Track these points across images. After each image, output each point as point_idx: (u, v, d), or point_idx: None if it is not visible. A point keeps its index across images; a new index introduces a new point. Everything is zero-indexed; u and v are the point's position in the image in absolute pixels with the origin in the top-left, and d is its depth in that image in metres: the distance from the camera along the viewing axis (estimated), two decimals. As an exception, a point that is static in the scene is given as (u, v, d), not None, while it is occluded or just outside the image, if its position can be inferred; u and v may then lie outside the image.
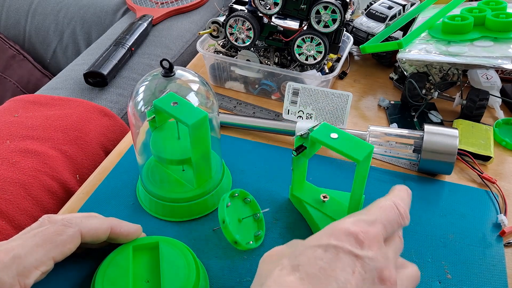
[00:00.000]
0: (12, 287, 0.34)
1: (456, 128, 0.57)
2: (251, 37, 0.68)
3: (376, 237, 0.32)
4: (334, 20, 0.64)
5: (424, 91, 0.68)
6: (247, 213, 0.49)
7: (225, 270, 0.47)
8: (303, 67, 0.71)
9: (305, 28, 0.67)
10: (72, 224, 0.39)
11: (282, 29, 0.69)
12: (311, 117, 0.64)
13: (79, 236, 0.39)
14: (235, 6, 0.71)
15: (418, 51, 0.66)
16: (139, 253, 0.44)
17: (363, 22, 0.80)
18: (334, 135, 0.44)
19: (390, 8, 0.80)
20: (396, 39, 0.74)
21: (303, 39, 0.66)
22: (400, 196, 0.37)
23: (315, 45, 0.66)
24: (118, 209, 0.54)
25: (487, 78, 0.71)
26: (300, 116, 0.65)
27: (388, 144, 0.59)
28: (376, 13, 0.80)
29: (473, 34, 0.66)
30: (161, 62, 0.47)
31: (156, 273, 0.42)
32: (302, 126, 0.61)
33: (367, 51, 0.70)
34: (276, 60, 0.72)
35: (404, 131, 0.59)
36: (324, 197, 0.51)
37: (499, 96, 0.69)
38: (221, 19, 0.71)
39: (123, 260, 0.42)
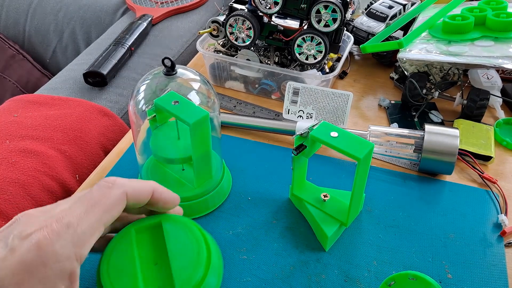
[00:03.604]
0: (68, 259, 0.31)
1: (456, 128, 0.57)
2: (251, 37, 0.68)
3: None
4: (334, 20, 0.64)
5: (424, 90, 0.68)
6: None
7: (224, 269, 0.46)
8: (303, 67, 0.71)
9: (305, 27, 0.67)
10: (116, 185, 0.35)
11: (282, 28, 0.69)
12: (311, 117, 0.64)
13: (125, 198, 0.36)
14: (235, 5, 0.71)
15: (419, 50, 0.66)
16: (143, 235, 0.40)
17: (363, 21, 0.80)
18: (334, 134, 0.44)
19: (390, 7, 0.80)
20: (397, 38, 0.74)
21: (303, 39, 0.66)
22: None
23: (316, 45, 0.66)
24: (118, 208, 0.53)
25: (488, 78, 0.70)
26: (300, 116, 0.64)
27: (389, 144, 0.59)
28: (377, 12, 0.80)
29: (474, 33, 0.65)
30: (163, 60, 0.47)
31: (164, 254, 0.38)
32: (302, 125, 0.61)
33: (367, 50, 0.70)
34: (276, 60, 0.72)
35: (405, 131, 0.59)
36: (325, 196, 0.51)
37: (500, 96, 0.69)
38: (221, 18, 0.71)
39: (126, 245, 0.38)
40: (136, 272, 0.37)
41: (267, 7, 0.66)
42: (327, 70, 0.71)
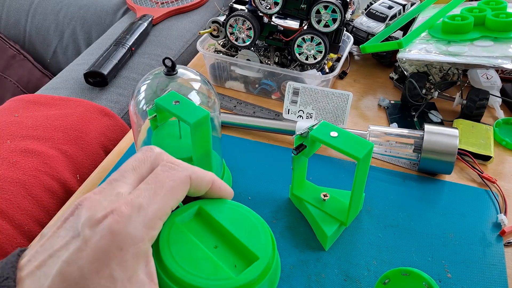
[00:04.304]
0: (142, 241, 0.30)
1: (456, 128, 0.57)
2: (251, 37, 0.68)
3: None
4: (334, 20, 0.64)
5: (424, 90, 0.68)
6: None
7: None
8: (303, 67, 0.71)
9: (305, 27, 0.68)
10: (182, 167, 0.34)
11: (282, 28, 0.69)
12: (311, 117, 0.64)
13: (189, 182, 0.34)
14: (235, 5, 0.71)
15: (418, 50, 0.66)
16: (189, 224, 0.37)
17: (363, 21, 0.80)
18: (334, 134, 0.44)
19: (390, 8, 0.81)
20: (396, 38, 0.75)
21: (303, 39, 0.66)
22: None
23: (315, 45, 0.66)
24: (119, 208, 0.53)
25: (487, 78, 0.71)
26: (300, 116, 0.65)
27: (388, 143, 0.59)
28: (376, 12, 0.80)
29: (473, 34, 0.66)
30: (163, 60, 0.47)
31: (221, 236, 0.36)
32: (302, 125, 0.61)
33: (367, 50, 0.70)
34: (276, 60, 0.72)
35: (404, 131, 0.59)
36: (325, 195, 0.51)
37: (499, 95, 0.69)
38: (221, 18, 0.71)
39: (181, 234, 0.36)
40: (209, 255, 0.34)
41: (267, 8, 0.66)
42: (327, 70, 0.72)
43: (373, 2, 0.84)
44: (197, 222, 0.38)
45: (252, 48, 0.72)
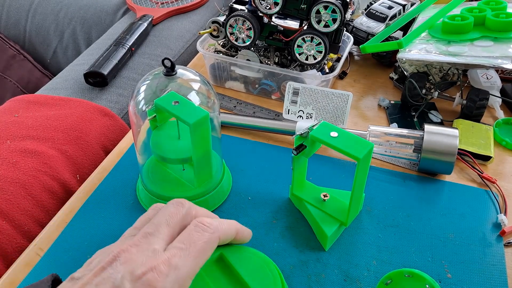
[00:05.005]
0: None
1: (456, 128, 0.57)
2: (251, 37, 0.68)
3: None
4: (334, 20, 0.64)
5: (424, 91, 0.68)
6: None
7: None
8: (303, 67, 0.71)
9: (305, 27, 0.68)
10: (213, 229, 0.37)
11: (282, 28, 0.69)
12: (311, 117, 0.64)
13: (217, 242, 0.37)
14: (235, 5, 0.71)
15: (418, 51, 0.66)
16: (209, 270, 0.41)
17: (363, 22, 0.80)
18: (334, 134, 0.44)
19: (390, 8, 0.81)
20: (396, 39, 0.75)
21: (303, 39, 0.66)
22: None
23: (315, 45, 0.66)
24: (118, 208, 0.54)
25: (487, 78, 0.71)
26: (300, 116, 0.65)
27: (388, 144, 0.59)
28: (376, 13, 0.80)
29: (473, 34, 0.66)
30: (162, 61, 0.47)
31: (237, 283, 0.40)
32: (302, 125, 0.61)
33: (367, 51, 0.70)
34: (276, 60, 0.72)
35: (404, 131, 0.59)
36: (325, 196, 0.51)
37: (499, 96, 0.69)
38: (221, 19, 0.71)
39: (200, 281, 0.39)
40: None
41: (267, 8, 0.66)
42: (327, 70, 0.72)
43: (373, 2, 0.84)
44: (217, 268, 0.41)
45: (252, 48, 0.72)
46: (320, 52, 0.67)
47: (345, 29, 0.75)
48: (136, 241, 0.35)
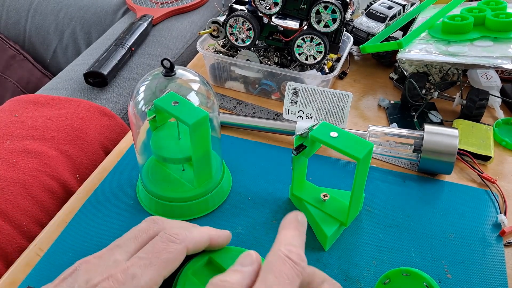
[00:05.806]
0: None
1: (456, 128, 0.57)
2: (251, 37, 0.68)
3: None
4: (334, 20, 0.64)
5: (424, 91, 0.68)
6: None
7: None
8: (303, 67, 0.71)
9: (305, 28, 0.68)
10: (179, 239, 0.37)
11: (282, 29, 0.69)
12: (311, 117, 0.64)
13: (185, 252, 0.37)
14: (235, 6, 0.71)
15: (418, 51, 0.66)
16: (201, 275, 0.40)
17: (363, 22, 0.80)
18: (333, 134, 0.44)
19: (390, 8, 0.81)
20: (396, 39, 0.75)
21: (303, 39, 0.66)
22: (288, 240, 0.34)
23: (315, 45, 0.66)
24: (118, 208, 0.54)
25: (487, 78, 0.71)
26: (300, 116, 0.65)
27: (388, 144, 0.59)
28: (376, 13, 0.80)
29: (473, 34, 0.66)
30: (162, 61, 0.47)
31: None
32: (302, 125, 0.61)
33: (367, 51, 0.70)
34: (276, 60, 0.72)
35: (404, 131, 0.59)
36: (325, 196, 0.51)
37: (499, 96, 0.69)
38: (221, 19, 0.71)
39: (192, 286, 0.38)
40: None
41: (267, 8, 0.66)
42: (327, 71, 0.72)
43: (373, 2, 0.84)
44: (208, 272, 0.40)
45: (252, 49, 0.72)
46: (320, 52, 0.67)
47: (345, 29, 0.75)
48: (100, 253, 0.36)
